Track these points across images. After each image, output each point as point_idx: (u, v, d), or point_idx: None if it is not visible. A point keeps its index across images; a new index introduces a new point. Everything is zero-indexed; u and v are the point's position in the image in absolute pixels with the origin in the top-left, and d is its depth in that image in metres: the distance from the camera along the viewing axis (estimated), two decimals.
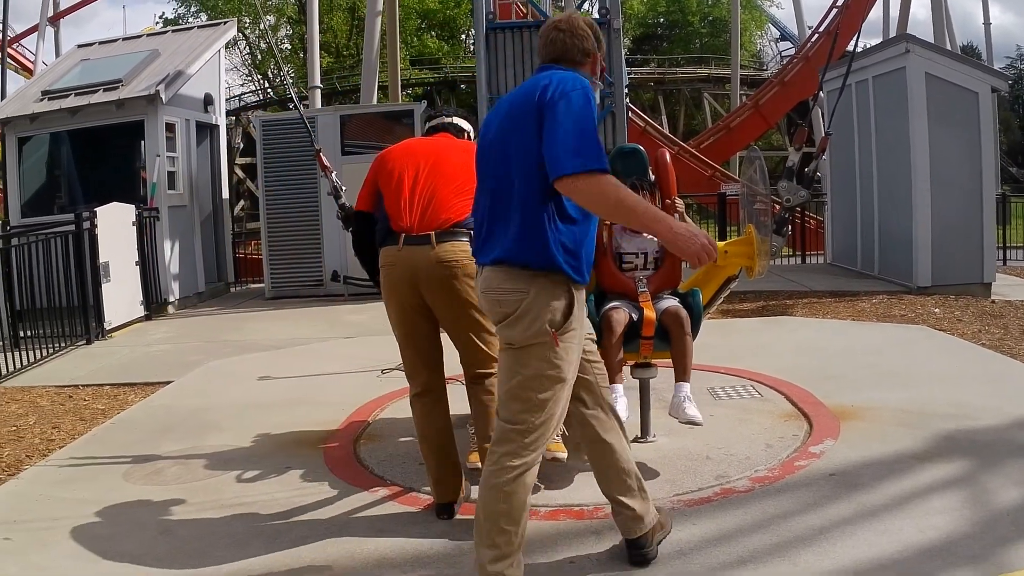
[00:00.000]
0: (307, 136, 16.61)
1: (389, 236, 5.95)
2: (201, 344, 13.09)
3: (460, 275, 5.75)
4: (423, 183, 5.99)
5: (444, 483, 5.90)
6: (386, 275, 5.93)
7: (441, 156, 6.14)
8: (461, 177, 5.97)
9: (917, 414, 7.40)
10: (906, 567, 4.75)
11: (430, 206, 5.89)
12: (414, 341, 6.01)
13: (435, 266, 5.74)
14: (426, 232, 5.81)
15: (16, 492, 6.81)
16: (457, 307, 5.83)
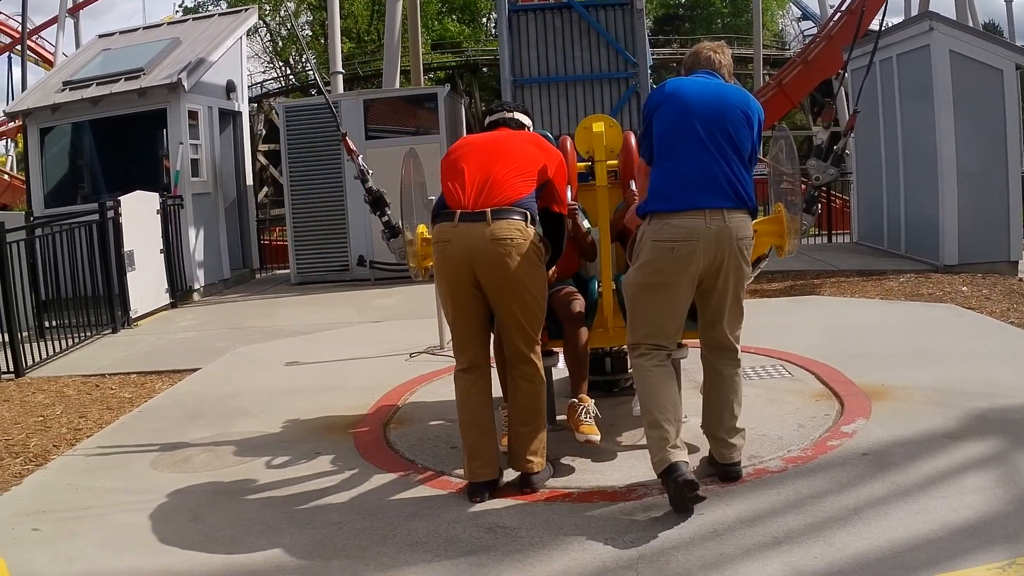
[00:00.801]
0: (331, 121, 16.71)
1: (444, 213, 5.95)
2: (227, 331, 13.14)
3: (513, 253, 5.74)
4: (481, 164, 6.00)
5: (481, 459, 5.88)
6: (440, 251, 5.93)
7: (501, 142, 6.19)
8: (521, 160, 6.04)
9: (948, 393, 7.35)
10: (941, 547, 4.70)
11: (487, 185, 5.89)
12: (464, 317, 5.98)
13: (489, 244, 5.72)
14: (481, 210, 5.80)
15: (44, 482, 6.83)
16: (508, 286, 5.81)
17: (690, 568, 4.68)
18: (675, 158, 5.64)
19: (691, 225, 5.47)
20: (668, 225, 5.52)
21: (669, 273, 5.53)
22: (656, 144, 5.75)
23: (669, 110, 5.72)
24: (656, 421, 5.47)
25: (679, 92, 5.79)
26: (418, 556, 5.06)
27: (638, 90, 15.80)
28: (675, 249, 5.48)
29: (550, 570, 4.74)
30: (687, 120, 5.65)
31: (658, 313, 5.68)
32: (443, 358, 9.87)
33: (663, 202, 5.58)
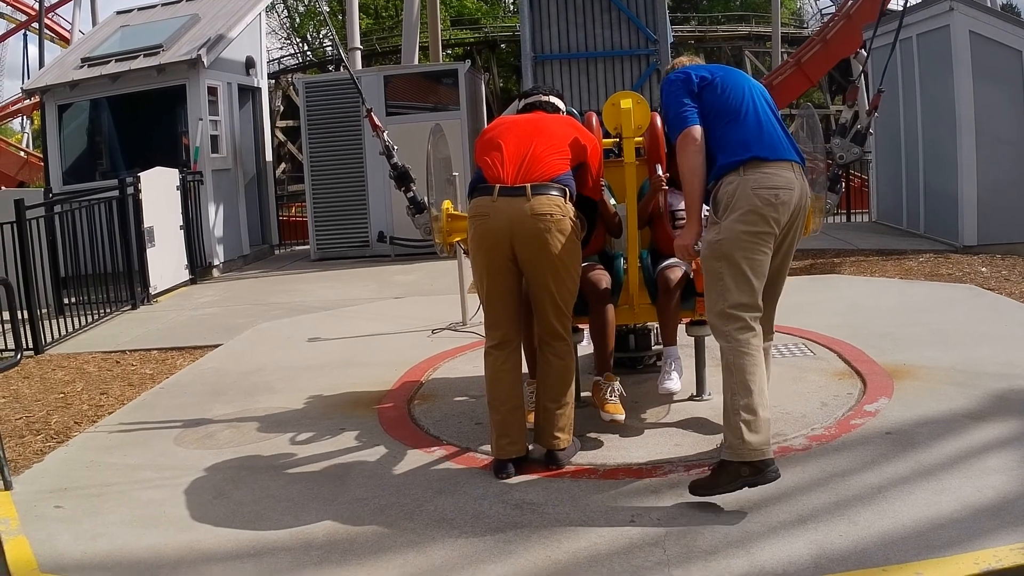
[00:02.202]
0: (350, 97, 16.80)
1: (482, 187, 5.97)
2: (248, 307, 13.16)
3: (553, 228, 5.78)
4: (520, 141, 6.04)
5: (509, 436, 5.88)
6: (478, 225, 5.94)
7: (539, 122, 6.22)
8: (558, 139, 6.07)
9: (969, 373, 7.34)
10: (964, 526, 4.72)
11: (526, 160, 5.92)
12: (499, 292, 5.98)
13: (529, 218, 5.75)
14: (521, 184, 5.83)
15: (66, 459, 6.85)
16: (546, 261, 5.83)
17: (716, 546, 4.70)
18: (747, 116, 5.55)
19: (787, 175, 5.39)
20: (768, 174, 5.34)
21: (772, 224, 5.34)
22: (719, 107, 5.59)
23: (723, 83, 5.67)
24: (753, 406, 5.19)
25: (720, 69, 5.86)
26: (444, 532, 5.08)
27: (659, 67, 15.75)
28: (779, 196, 5.32)
29: (577, 546, 4.76)
30: (743, 87, 5.68)
31: (757, 274, 5.36)
32: (466, 334, 9.90)
33: (760, 149, 5.41)
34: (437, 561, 4.75)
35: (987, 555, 4.40)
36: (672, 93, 5.72)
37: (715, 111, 5.57)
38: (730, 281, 5.32)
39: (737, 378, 5.25)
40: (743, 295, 5.30)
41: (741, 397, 5.20)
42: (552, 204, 5.81)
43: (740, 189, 5.31)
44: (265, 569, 4.78)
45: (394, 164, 7.13)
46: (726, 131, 5.51)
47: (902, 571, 4.31)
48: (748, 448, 5.08)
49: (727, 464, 5.16)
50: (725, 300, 5.33)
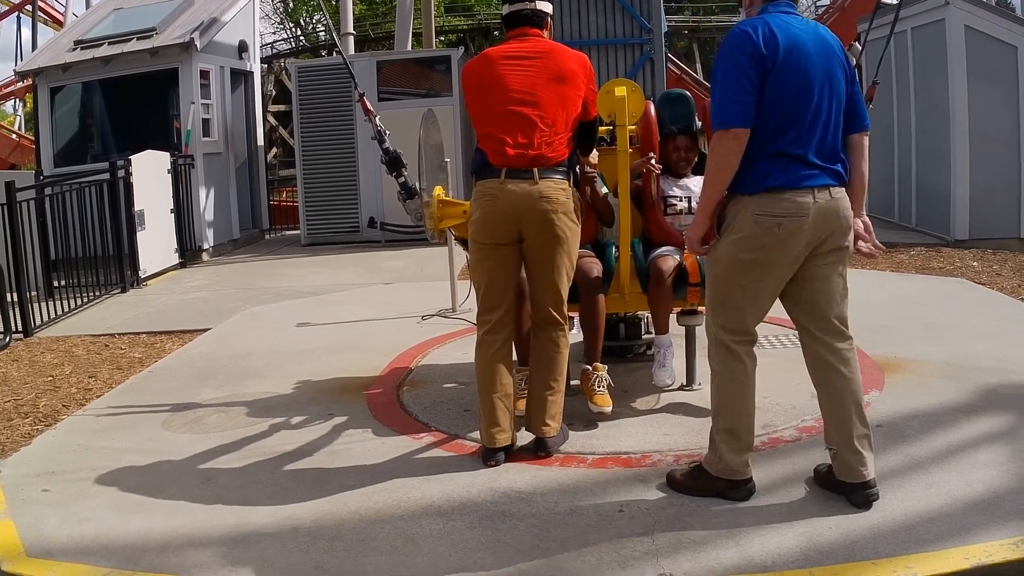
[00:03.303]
0: (343, 82, 16.79)
1: (488, 168, 5.88)
2: (238, 291, 13.15)
3: (559, 212, 5.78)
4: (521, 113, 5.83)
5: (499, 425, 5.84)
6: (484, 206, 5.87)
7: (535, 81, 5.87)
8: (558, 108, 5.88)
9: (961, 367, 7.35)
10: (954, 520, 4.71)
11: (531, 142, 5.79)
12: (499, 274, 5.96)
13: (538, 201, 5.73)
14: (529, 168, 5.77)
15: (54, 442, 6.82)
16: (552, 244, 5.83)
17: (705, 536, 4.69)
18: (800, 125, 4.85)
19: (801, 200, 4.84)
20: (776, 199, 4.85)
21: (772, 252, 4.99)
22: (771, 103, 4.82)
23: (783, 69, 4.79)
24: (734, 430, 5.11)
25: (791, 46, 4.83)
26: (432, 520, 5.06)
27: (652, 56, 15.74)
28: (782, 225, 4.87)
29: (565, 535, 4.74)
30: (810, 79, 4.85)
31: (751, 300, 5.11)
32: (455, 321, 9.87)
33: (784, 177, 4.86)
34: (424, 549, 4.73)
35: (977, 550, 4.39)
36: (733, 67, 4.85)
37: (767, 105, 4.83)
38: (717, 305, 5.18)
39: (720, 400, 5.19)
40: (731, 319, 5.11)
41: (723, 419, 5.16)
42: (558, 188, 5.80)
43: (742, 211, 4.93)
44: (252, 554, 4.76)
45: (386, 149, 7.10)
46: (766, 141, 4.85)
47: (892, 564, 4.30)
48: (724, 467, 5.09)
49: (705, 473, 5.18)
50: (715, 319, 5.18)
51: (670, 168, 7.01)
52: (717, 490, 5.11)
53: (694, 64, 54.52)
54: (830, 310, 5.02)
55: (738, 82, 4.80)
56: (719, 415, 5.17)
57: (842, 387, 4.99)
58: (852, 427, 4.95)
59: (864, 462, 4.94)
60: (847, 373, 4.99)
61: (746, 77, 4.78)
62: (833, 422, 5.04)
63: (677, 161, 7.04)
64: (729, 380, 5.12)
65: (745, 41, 4.79)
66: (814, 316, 5.06)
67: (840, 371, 4.98)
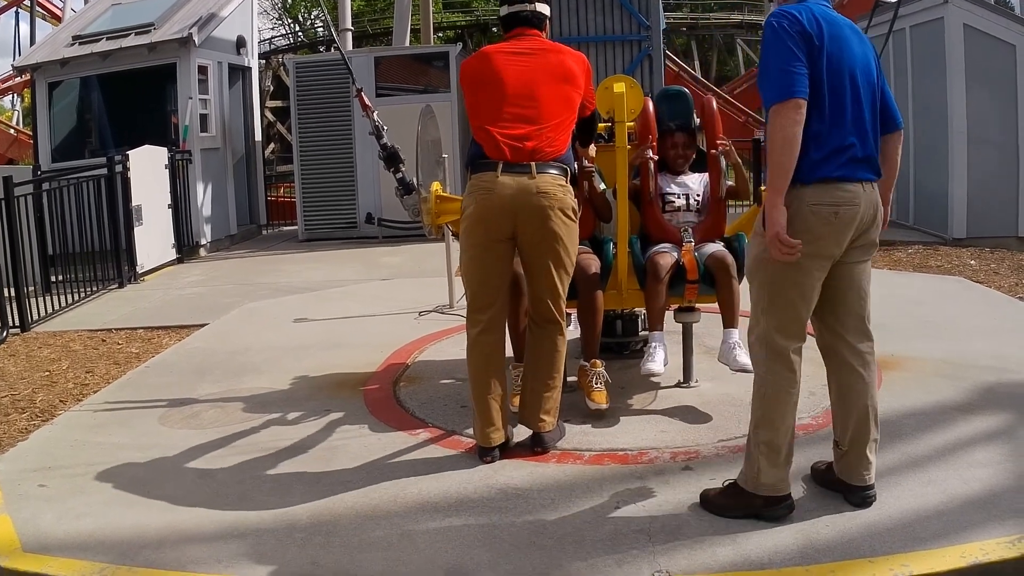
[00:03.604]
0: (341, 78, 16.78)
1: (485, 162, 5.78)
2: (235, 287, 13.14)
3: (556, 207, 5.69)
4: (519, 108, 5.78)
5: (495, 424, 5.80)
6: (480, 200, 5.75)
7: (534, 77, 5.84)
8: (556, 104, 5.84)
9: (958, 365, 7.36)
10: (951, 518, 4.72)
11: (529, 135, 5.72)
12: (495, 271, 5.85)
13: (534, 196, 5.64)
14: (526, 162, 5.69)
15: (51, 438, 6.81)
16: (548, 240, 5.73)
17: (702, 533, 4.69)
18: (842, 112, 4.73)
19: (853, 189, 4.77)
20: (829, 188, 4.74)
21: (829, 245, 4.80)
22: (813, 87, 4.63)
23: (828, 55, 4.67)
24: (776, 443, 4.85)
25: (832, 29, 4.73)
26: (428, 516, 5.06)
27: (651, 53, 15.74)
28: (838, 215, 4.73)
29: (562, 532, 4.74)
30: (851, 64, 4.76)
31: (806, 300, 4.89)
32: (452, 317, 9.87)
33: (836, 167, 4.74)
34: (421, 545, 4.73)
35: (974, 548, 4.39)
36: (782, 44, 4.64)
37: (814, 89, 4.65)
38: (773, 307, 4.84)
39: (763, 411, 4.87)
40: (788, 324, 4.81)
41: (764, 431, 4.85)
42: (556, 183, 5.72)
43: (794, 202, 4.66)
44: (248, 550, 4.75)
45: (383, 145, 7.10)
46: (814, 126, 4.66)
47: (889, 562, 4.30)
48: (762, 484, 4.84)
49: (741, 491, 4.91)
50: (768, 327, 4.85)
51: (668, 165, 7.01)
52: (754, 508, 4.85)
53: (692, 61, 54.60)
54: (860, 308, 4.95)
55: (791, 55, 4.59)
56: (760, 427, 4.88)
57: (861, 391, 4.93)
58: (867, 432, 4.93)
59: (868, 467, 4.94)
60: (867, 377, 4.94)
61: (799, 50, 4.59)
62: (847, 425, 4.98)
63: (675, 158, 7.03)
64: (776, 390, 4.83)
65: (792, 20, 4.63)
66: (842, 315, 4.95)
67: (861, 374, 4.93)
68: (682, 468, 5.56)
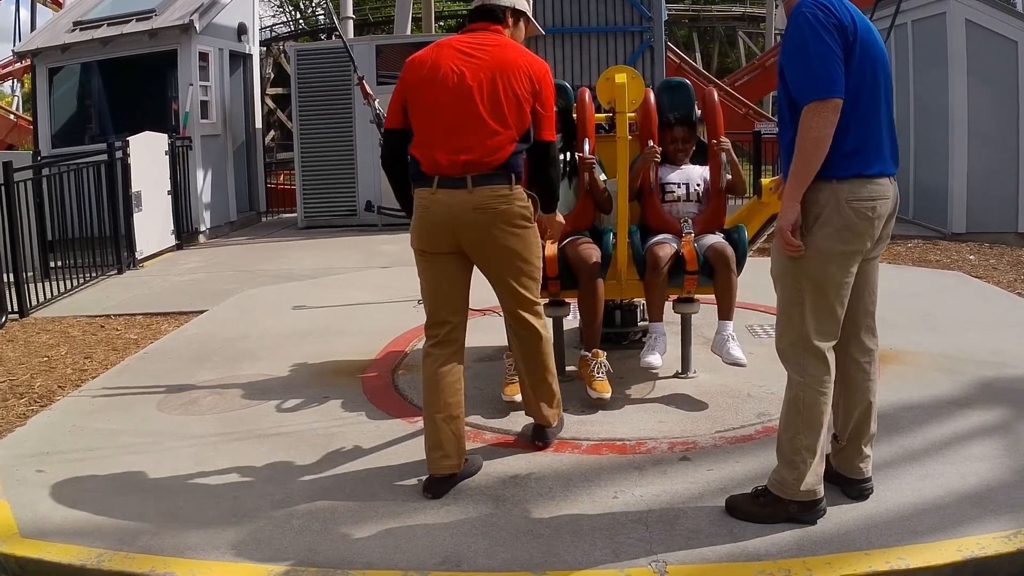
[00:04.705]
0: (342, 66, 16.78)
1: (421, 176, 5.35)
2: (234, 273, 13.15)
3: (497, 221, 5.25)
4: (457, 116, 5.25)
5: (442, 449, 5.28)
6: (419, 216, 5.39)
7: (478, 80, 5.25)
8: (500, 106, 5.25)
9: (956, 360, 7.36)
10: (948, 513, 4.72)
11: (465, 146, 5.21)
12: (441, 286, 5.49)
13: (471, 212, 5.21)
14: (461, 175, 5.22)
15: (49, 423, 6.81)
16: (494, 254, 5.37)
17: (700, 525, 4.70)
18: (876, 110, 4.68)
19: (884, 182, 4.74)
20: (864, 183, 4.65)
21: (866, 241, 4.74)
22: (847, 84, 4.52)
23: (860, 50, 4.56)
24: (816, 448, 4.70)
25: (868, 26, 4.65)
26: (427, 504, 5.08)
27: (652, 44, 15.71)
28: (875, 210, 4.67)
29: (559, 522, 4.74)
30: (880, 60, 4.68)
31: (841, 299, 4.76)
32: None
33: (879, 161, 4.73)
34: (419, 532, 4.74)
35: (970, 542, 4.40)
36: (817, 36, 4.46)
37: (851, 82, 4.55)
38: (813, 308, 4.67)
39: (805, 416, 4.69)
40: (826, 324, 4.69)
41: (806, 437, 4.68)
42: (495, 195, 5.25)
43: (831, 199, 4.58)
44: (246, 536, 4.76)
45: None
46: (849, 120, 4.55)
47: (885, 555, 4.31)
48: (804, 490, 4.72)
49: (778, 500, 4.75)
50: (805, 329, 4.68)
51: (668, 156, 7.00)
52: (788, 514, 4.73)
53: (693, 53, 54.54)
54: (872, 306, 4.92)
55: (829, 50, 4.43)
56: (802, 433, 4.70)
57: (865, 387, 4.92)
58: (867, 427, 4.93)
59: (865, 460, 4.94)
60: (871, 373, 4.92)
61: (835, 43, 4.44)
62: (849, 419, 4.96)
63: (675, 151, 7.03)
64: (819, 394, 4.68)
65: (826, 11, 4.46)
66: (856, 312, 4.86)
67: (866, 371, 4.91)
68: (680, 458, 5.56)
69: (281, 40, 53.41)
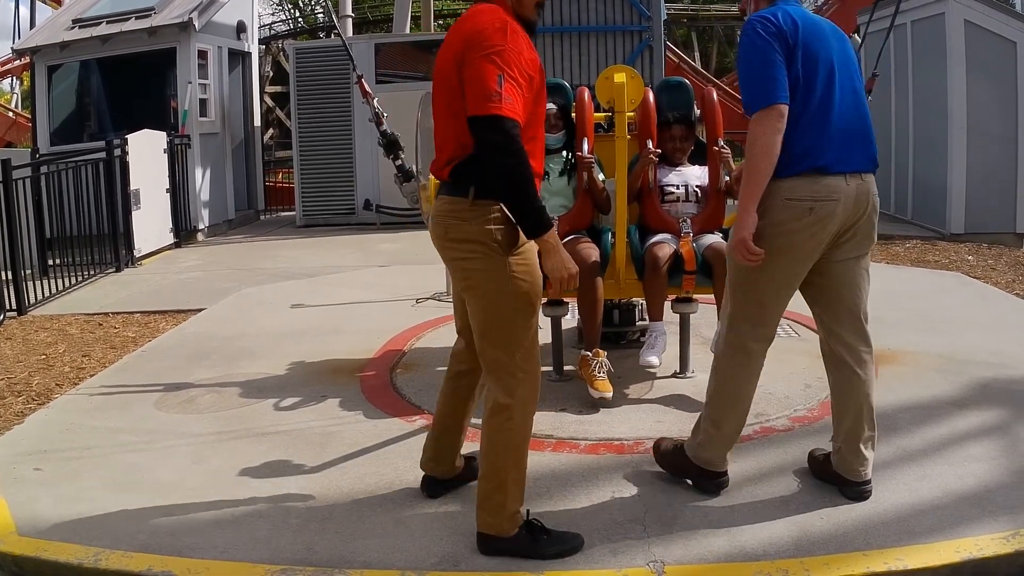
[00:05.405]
0: (341, 64, 16.77)
1: None
2: (232, 272, 13.13)
3: (449, 238, 4.39)
4: (437, 102, 4.50)
5: (428, 452, 5.11)
6: None
7: (445, 75, 4.33)
8: (444, 104, 4.39)
9: (955, 360, 7.35)
10: (945, 514, 4.72)
11: (438, 145, 4.53)
12: (456, 310, 4.97)
13: (433, 227, 4.53)
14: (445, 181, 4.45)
15: (47, 421, 6.80)
16: (460, 283, 4.52)
17: (696, 524, 4.70)
18: (820, 108, 4.69)
19: (834, 184, 4.71)
20: (807, 181, 4.70)
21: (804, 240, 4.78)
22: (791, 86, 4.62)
23: (804, 51, 4.65)
24: (718, 420, 4.97)
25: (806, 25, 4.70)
26: (424, 502, 5.08)
27: (651, 43, 15.72)
28: (814, 210, 4.68)
29: (556, 521, 4.70)
30: (828, 57, 4.72)
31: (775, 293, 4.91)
32: (449, 304, 9.76)
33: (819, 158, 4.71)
34: (416, 532, 4.73)
35: (968, 543, 4.41)
36: (761, 48, 4.63)
37: (795, 86, 4.66)
38: (742, 295, 4.92)
39: (716, 391, 5.02)
40: (754, 312, 4.90)
41: (713, 410, 5.02)
42: (449, 211, 4.38)
43: (772, 196, 4.68)
44: (243, 535, 4.76)
45: (383, 131, 7.10)
46: (788, 128, 4.61)
47: (883, 556, 4.31)
48: (700, 456, 5.05)
49: (683, 454, 5.15)
50: (733, 311, 4.96)
51: (667, 156, 7.00)
52: (688, 474, 5.12)
53: (692, 53, 54.49)
54: (857, 306, 4.94)
55: (771, 59, 4.59)
56: (711, 405, 5.04)
57: (857, 389, 4.93)
58: (861, 429, 4.93)
59: (864, 463, 4.94)
60: (863, 375, 4.93)
61: (775, 53, 4.59)
62: (843, 421, 4.99)
63: (674, 150, 7.02)
64: (731, 376, 4.95)
65: (766, 23, 4.64)
66: (838, 313, 4.95)
67: (857, 372, 4.92)
68: None
69: (280, 38, 53.28)
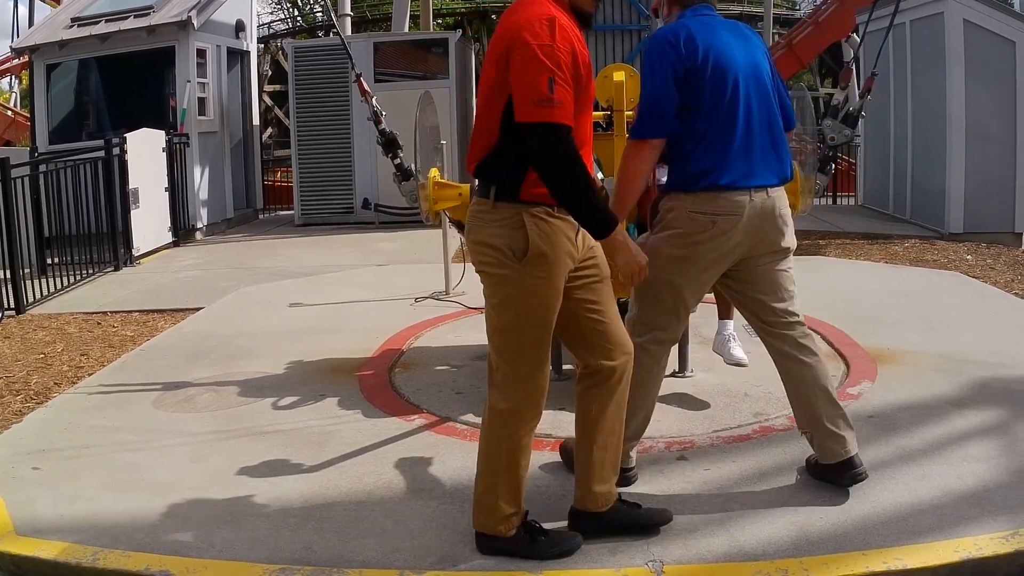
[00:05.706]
0: (339, 63, 16.77)
1: None
2: (231, 271, 13.12)
3: (472, 241, 4.31)
4: None
5: None
6: None
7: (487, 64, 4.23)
8: (483, 103, 4.28)
9: (953, 360, 7.33)
10: (944, 513, 4.72)
11: None
12: None
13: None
14: None
15: (45, 420, 6.80)
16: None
17: (696, 525, 4.68)
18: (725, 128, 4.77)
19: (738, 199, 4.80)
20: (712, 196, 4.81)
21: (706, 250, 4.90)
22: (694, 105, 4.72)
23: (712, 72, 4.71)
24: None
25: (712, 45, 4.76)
26: (423, 503, 5.07)
27: None
28: (716, 224, 4.79)
29: (556, 522, 4.71)
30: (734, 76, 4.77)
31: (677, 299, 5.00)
32: (448, 304, 9.87)
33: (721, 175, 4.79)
34: (415, 531, 4.73)
35: (967, 543, 4.40)
36: (654, 76, 4.75)
37: (691, 107, 4.74)
38: (640, 297, 5.04)
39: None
40: (649, 314, 5.01)
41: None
42: (474, 214, 4.31)
43: (677, 207, 4.87)
44: (241, 535, 4.75)
45: (382, 130, 7.08)
46: (694, 145, 4.78)
47: (882, 556, 4.31)
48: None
49: None
50: (634, 311, 5.08)
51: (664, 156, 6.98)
52: None
53: None
54: (780, 303, 5.03)
55: (658, 91, 4.75)
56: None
57: (801, 373, 5.00)
58: (820, 410, 4.96)
59: (842, 441, 4.95)
60: (804, 358, 5.00)
61: (667, 84, 4.71)
62: (800, 408, 5.07)
63: None
64: (633, 377, 4.72)
65: (664, 47, 4.75)
66: (764, 312, 5.07)
67: (797, 358, 5.00)
68: (676, 458, 5.55)
69: (279, 37, 53.34)
